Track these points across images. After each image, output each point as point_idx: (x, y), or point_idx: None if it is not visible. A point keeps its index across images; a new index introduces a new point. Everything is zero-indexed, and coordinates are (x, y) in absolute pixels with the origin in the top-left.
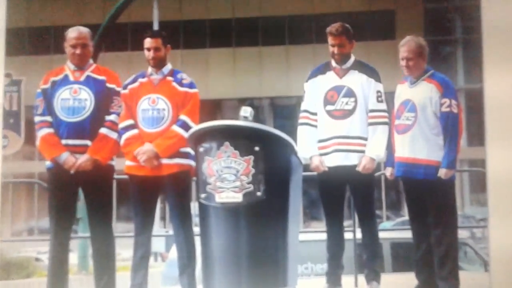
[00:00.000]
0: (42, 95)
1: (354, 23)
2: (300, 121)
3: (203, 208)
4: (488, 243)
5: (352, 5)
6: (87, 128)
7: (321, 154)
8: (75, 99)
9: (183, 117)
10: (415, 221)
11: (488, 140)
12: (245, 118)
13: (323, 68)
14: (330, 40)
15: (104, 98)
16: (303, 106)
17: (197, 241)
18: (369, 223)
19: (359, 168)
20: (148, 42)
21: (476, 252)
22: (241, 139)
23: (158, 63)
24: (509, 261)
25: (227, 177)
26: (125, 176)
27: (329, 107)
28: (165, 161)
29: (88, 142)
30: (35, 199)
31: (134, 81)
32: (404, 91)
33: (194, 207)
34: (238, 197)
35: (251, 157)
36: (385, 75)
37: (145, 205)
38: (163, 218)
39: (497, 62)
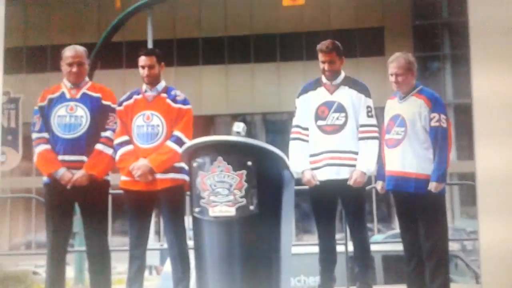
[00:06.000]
0: (39, 112)
1: (344, 40)
2: (292, 136)
3: (197, 222)
4: (479, 255)
5: (342, 23)
6: (83, 144)
7: (313, 169)
8: (71, 116)
9: (177, 133)
10: (406, 234)
11: (477, 152)
12: (238, 133)
13: (314, 84)
14: (321, 57)
15: (100, 115)
16: (295, 122)
17: (191, 254)
18: (360, 236)
19: (350, 182)
20: (142, 60)
21: (467, 265)
22: (234, 154)
23: (153, 80)
24: (500, 272)
25: (221, 192)
26: (120, 191)
27: (320, 122)
28: (159, 176)
29: (84, 158)
30: (33, 213)
31: (129, 98)
32: (393, 106)
33: (188, 221)
34: (231, 211)
35: (244, 172)
36: (374, 91)
37: (140, 219)
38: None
39: (484, 74)
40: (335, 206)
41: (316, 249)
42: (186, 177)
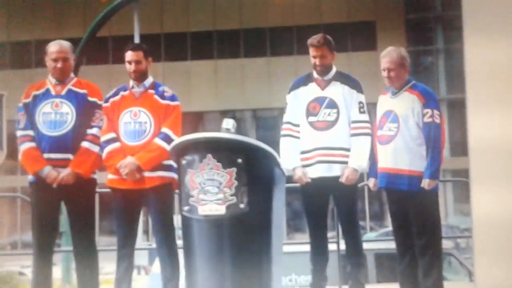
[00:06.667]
0: (23, 109)
1: (336, 34)
2: (283, 132)
3: (186, 221)
4: (472, 253)
5: (333, 17)
6: (69, 142)
7: (304, 166)
8: (56, 113)
9: (165, 130)
10: (398, 232)
11: (471, 149)
12: (228, 130)
13: (305, 80)
14: (312, 51)
15: (86, 112)
16: (285, 118)
17: (180, 254)
18: (353, 234)
19: (342, 179)
20: (129, 55)
21: (460, 263)
22: (224, 151)
23: (140, 76)
24: (493, 271)
25: (210, 190)
26: (108, 190)
27: (312, 119)
28: (147, 174)
29: (70, 156)
30: (18, 213)
31: (115, 94)
32: (386, 102)
33: (177, 220)
34: (221, 210)
35: (234, 169)
36: (367, 86)
37: (128, 218)
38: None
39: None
40: (326, 204)
41: (307, 247)
42: (175, 175)
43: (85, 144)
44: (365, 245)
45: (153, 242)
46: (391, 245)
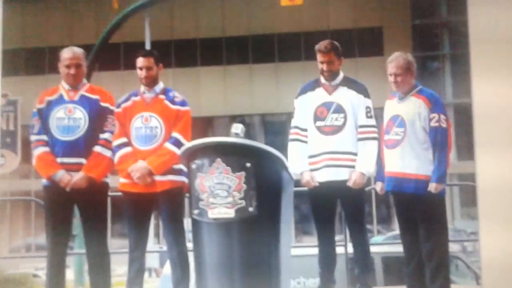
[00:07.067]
0: (37, 115)
1: (343, 40)
2: (291, 137)
3: (196, 224)
4: (479, 256)
5: (340, 23)
6: (81, 147)
7: (312, 170)
8: (69, 118)
9: (175, 134)
10: (406, 235)
11: (478, 153)
12: (237, 134)
13: (313, 85)
14: (319, 57)
15: (98, 117)
16: (293, 123)
17: (191, 256)
18: (360, 238)
19: (350, 183)
20: (140, 61)
21: (467, 266)
22: (233, 155)
23: (151, 82)
24: (500, 274)
25: (220, 193)
26: (119, 193)
27: (319, 123)
28: (158, 178)
29: (83, 160)
30: (32, 216)
31: (127, 99)
32: (393, 107)
33: (187, 223)
34: (230, 213)
35: (243, 173)
36: (373, 91)
37: (139, 222)
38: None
39: (485, 76)
40: (334, 208)
41: (315, 250)
42: (185, 179)
43: (97, 148)
44: (373, 249)
45: (164, 245)
46: (398, 248)
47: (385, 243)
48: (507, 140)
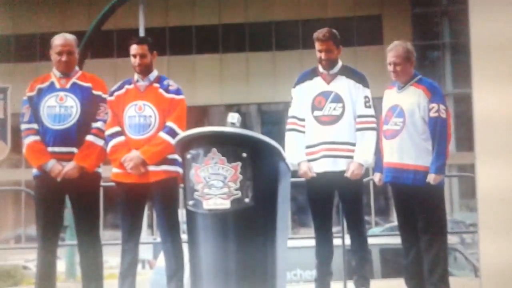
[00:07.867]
0: (28, 103)
1: (341, 29)
2: (288, 127)
3: (190, 215)
4: (478, 248)
5: (339, 11)
6: (73, 136)
7: (309, 160)
8: (61, 107)
9: (170, 123)
10: (404, 227)
11: (478, 145)
12: (233, 124)
13: (310, 74)
14: (317, 45)
15: (90, 105)
16: (291, 112)
17: (185, 248)
18: (358, 229)
19: (348, 174)
20: (134, 48)
21: (466, 258)
22: (229, 145)
23: (144, 70)
24: (499, 267)
25: (215, 184)
26: (112, 184)
27: (317, 113)
28: (152, 168)
29: (75, 150)
30: (22, 207)
31: (120, 87)
32: (392, 97)
33: (182, 214)
34: (226, 204)
35: (239, 164)
36: (372, 80)
37: (132, 213)
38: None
39: (485, 69)
40: (332, 199)
41: (312, 242)
42: (180, 169)
43: (89, 137)
44: (370, 240)
45: (158, 236)
46: (396, 240)
47: (383, 234)
48: (508, 148)
